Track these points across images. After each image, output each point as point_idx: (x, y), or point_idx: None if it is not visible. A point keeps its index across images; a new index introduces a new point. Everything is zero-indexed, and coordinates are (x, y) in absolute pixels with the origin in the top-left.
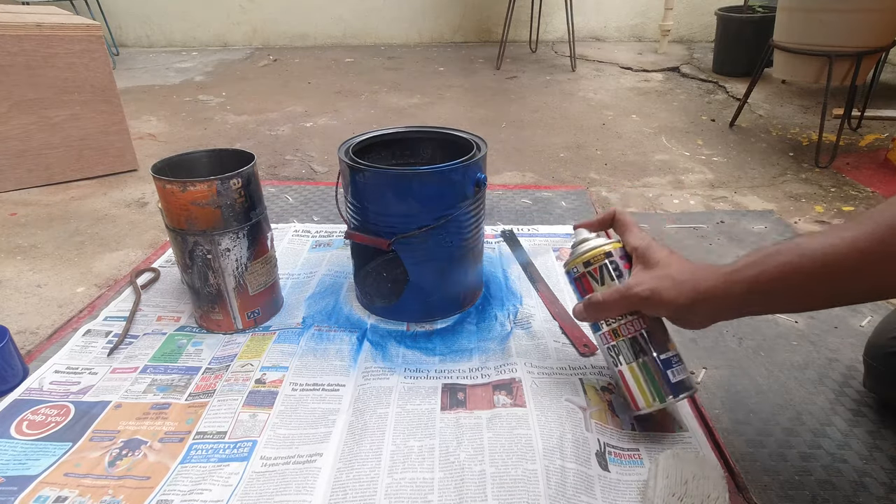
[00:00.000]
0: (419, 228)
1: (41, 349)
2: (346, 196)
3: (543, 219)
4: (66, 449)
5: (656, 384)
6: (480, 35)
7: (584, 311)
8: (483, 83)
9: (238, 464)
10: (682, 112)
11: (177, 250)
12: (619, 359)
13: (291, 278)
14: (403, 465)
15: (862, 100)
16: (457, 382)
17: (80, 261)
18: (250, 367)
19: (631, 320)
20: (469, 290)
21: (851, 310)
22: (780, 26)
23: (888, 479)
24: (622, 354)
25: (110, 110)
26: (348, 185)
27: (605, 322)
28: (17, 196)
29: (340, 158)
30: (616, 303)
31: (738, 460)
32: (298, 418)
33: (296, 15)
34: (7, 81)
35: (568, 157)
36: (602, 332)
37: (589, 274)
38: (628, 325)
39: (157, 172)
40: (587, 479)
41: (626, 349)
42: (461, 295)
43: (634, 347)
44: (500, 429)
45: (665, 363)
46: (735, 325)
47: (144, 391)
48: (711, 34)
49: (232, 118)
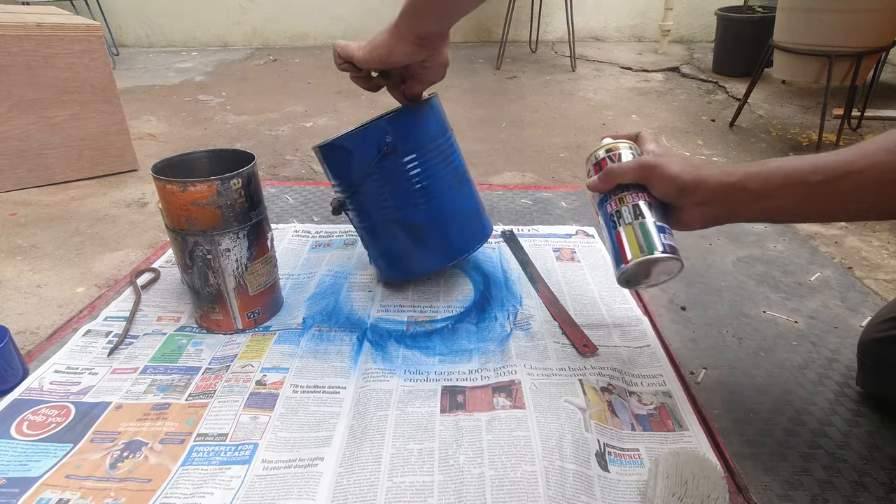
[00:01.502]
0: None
1: (41, 349)
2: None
3: (543, 219)
4: (66, 450)
5: (649, 240)
6: (480, 35)
7: (598, 179)
8: (483, 83)
9: (239, 467)
10: (682, 112)
11: (177, 250)
12: (619, 221)
13: (291, 278)
14: (403, 468)
15: (862, 100)
16: (456, 384)
17: (80, 261)
18: (251, 368)
19: (636, 192)
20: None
21: (851, 310)
22: (780, 26)
23: (888, 479)
24: (622, 217)
25: (110, 110)
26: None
27: (613, 193)
28: (17, 196)
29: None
30: (628, 168)
31: (738, 460)
32: (299, 421)
33: (296, 15)
34: (7, 81)
35: (568, 157)
36: (609, 202)
37: (608, 158)
38: (633, 195)
39: (157, 172)
40: (587, 479)
41: (627, 213)
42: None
43: (635, 211)
44: (499, 431)
45: (660, 228)
46: (735, 325)
47: (145, 392)
48: (711, 34)
49: (232, 118)
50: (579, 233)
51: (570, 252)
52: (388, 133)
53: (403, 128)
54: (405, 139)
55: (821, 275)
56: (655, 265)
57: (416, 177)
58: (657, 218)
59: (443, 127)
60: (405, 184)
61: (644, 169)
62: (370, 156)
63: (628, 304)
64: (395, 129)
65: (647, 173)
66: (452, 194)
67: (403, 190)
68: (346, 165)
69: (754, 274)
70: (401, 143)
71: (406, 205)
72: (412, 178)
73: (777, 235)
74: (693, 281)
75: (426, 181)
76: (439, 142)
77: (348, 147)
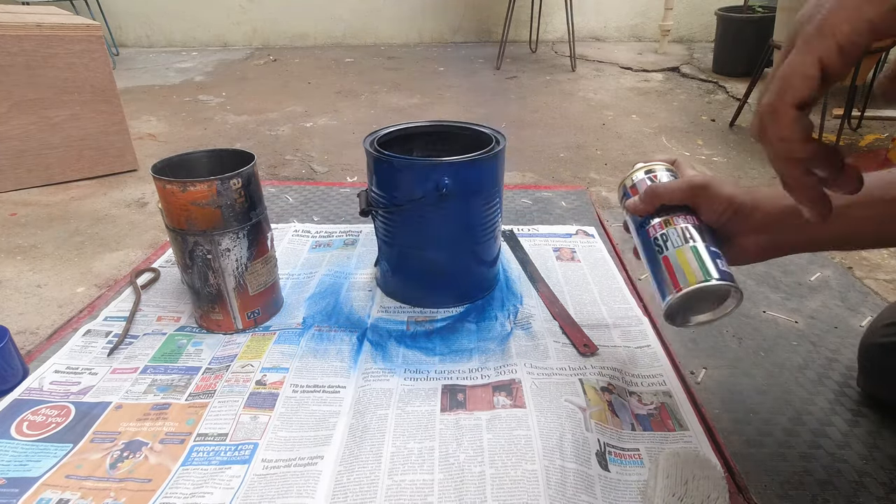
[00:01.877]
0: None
1: (41, 349)
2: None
3: (543, 219)
4: (66, 450)
5: (704, 265)
6: (480, 35)
7: (640, 200)
8: (483, 83)
9: (239, 466)
10: (682, 112)
11: (177, 250)
12: (667, 245)
13: (291, 278)
14: (403, 467)
15: (862, 100)
16: (457, 383)
17: (80, 261)
18: (251, 368)
19: (684, 215)
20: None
21: (851, 310)
22: (780, 26)
23: (888, 479)
24: (670, 240)
25: (110, 110)
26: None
27: (656, 216)
28: (17, 196)
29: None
30: (676, 188)
31: (738, 460)
32: (299, 420)
33: (296, 15)
34: (7, 81)
35: (568, 157)
36: (652, 224)
37: (648, 179)
38: (680, 217)
39: (157, 172)
40: (587, 479)
41: (675, 236)
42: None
43: (685, 234)
44: (499, 430)
45: (714, 254)
46: (735, 325)
47: (145, 391)
48: (711, 34)
49: (232, 118)
50: (579, 232)
51: (571, 252)
52: (447, 176)
53: (464, 174)
54: (462, 185)
55: (821, 275)
56: (709, 295)
57: (457, 221)
58: (710, 241)
59: (496, 180)
60: (444, 226)
61: (695, 188)
62: (423, 190)
63: (628, 304)
64: (456, 174)
65: (697, 192)
66: (482, 246)
67: (440, 229)
68: (394, 184)
69: (754, 274)
70: (457, 188)
71: (435, 244)
72: (453, 222)
73: None
74: None
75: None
76: (489, 193)
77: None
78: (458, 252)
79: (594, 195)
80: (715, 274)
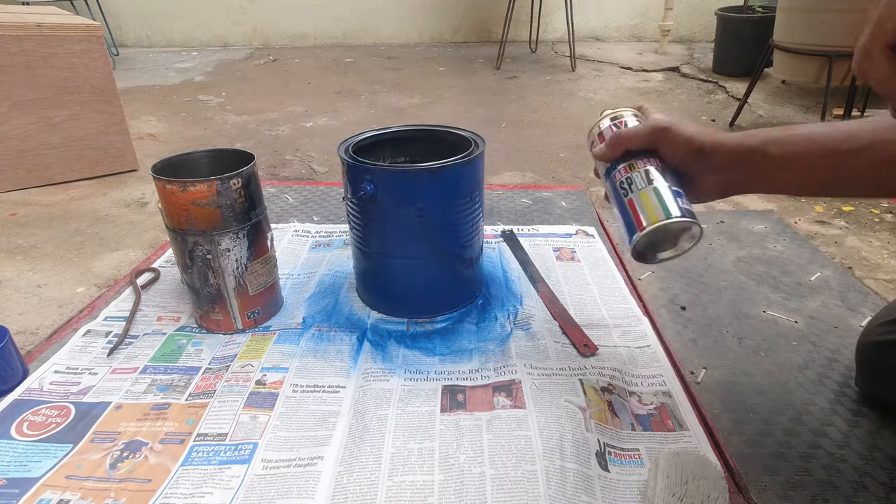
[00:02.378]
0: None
1: (41, 349)
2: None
3: (543, 219)
4: (66, 450)
5: (665, 203)
6: (480, 35)
7: (605, 146)
8: (483, 83)
9: (239, 466)
10: (682, 112)
11: (177, 250)
12: (631, 188)
13: (291, 278)
14: (403, 467)
15: (862, 100)
16: (457, 384)
17: (80, 261)
18: (250, 368)
19: (647, 158)
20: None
21: (851, 310)
22: (780, 26)
23: (888, 479)
24: (634, 183)
25: (110, 110)
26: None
27: (622, 160)
28: (17, 196)
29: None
30: (637, 132)
31: (738, 460)
32: (299, 420)
33: (296, 15)
34: (7, 81)
35: (568, 157)
36: (618, 169)
37: (614, 126)
38: (644, 161)
39: (157, 172)
40: (587, 479)
41: (639, 178)
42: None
43: (647, 176)
44: (499, 430)
45: (676, 192)
46: (735, 325)
47: (144, 391)
48: (711, 34)
49: (232, 118)
50: (579, 232)
51: (570, 252)
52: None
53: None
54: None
55: (821, 275)
56: (672, 232)
57: (421, 224)
58: (671, 181)
59: (473, 187)
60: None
61: (656, 132)
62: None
63: (628, 303)
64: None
65: (659, 136)
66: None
67: (407, 233)
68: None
69: (754, 274)
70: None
71: (403, 247)
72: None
73: (777, 235)
74: (693, 281)
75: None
76: (460, 202)
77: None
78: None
79: (594, 195)
80: (676, 212)
